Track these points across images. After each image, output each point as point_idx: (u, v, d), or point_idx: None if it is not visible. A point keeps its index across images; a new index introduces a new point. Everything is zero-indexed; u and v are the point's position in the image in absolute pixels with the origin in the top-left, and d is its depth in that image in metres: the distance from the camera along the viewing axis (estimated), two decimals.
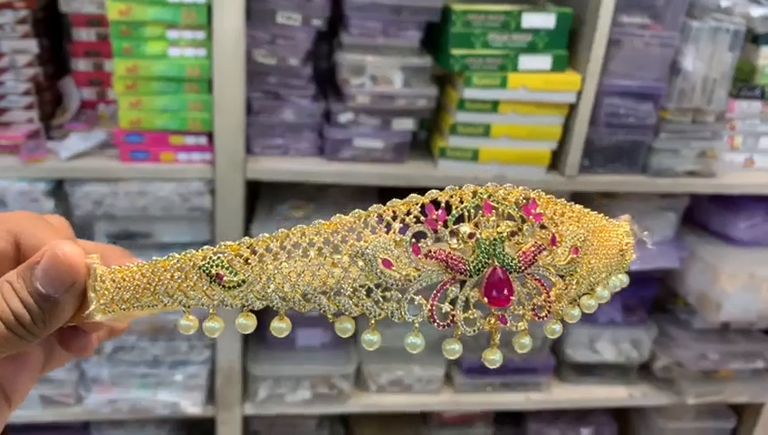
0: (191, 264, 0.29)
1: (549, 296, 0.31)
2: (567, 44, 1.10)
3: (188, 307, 0.29)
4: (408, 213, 0.29)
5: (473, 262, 0.30)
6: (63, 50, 1.18)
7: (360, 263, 0.29)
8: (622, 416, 1.54)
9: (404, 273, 0.29)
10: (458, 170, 1.15)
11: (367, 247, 0.29)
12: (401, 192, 1.19)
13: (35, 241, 0.31)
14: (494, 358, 0.31)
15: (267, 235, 0.29)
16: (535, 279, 0.31)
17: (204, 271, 0.28)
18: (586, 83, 1.09)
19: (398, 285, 0.29)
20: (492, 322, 0.31)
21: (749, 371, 1.43)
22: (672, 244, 1.31)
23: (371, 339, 0.30)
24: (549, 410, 1.48)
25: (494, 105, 1.11)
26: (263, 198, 1.24)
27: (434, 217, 0.29)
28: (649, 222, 1.28)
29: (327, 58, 1.17)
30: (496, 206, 0.30)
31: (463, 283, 0.30)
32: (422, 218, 0.29)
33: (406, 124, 1.15)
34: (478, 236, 0.30)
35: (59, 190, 1.09)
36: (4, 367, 0.32)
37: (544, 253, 0.31)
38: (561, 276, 0.32)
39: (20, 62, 1.07)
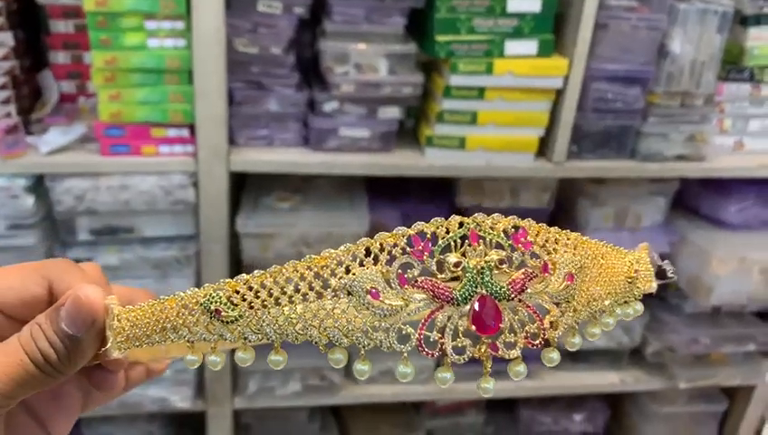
0: (194, 301, 0.30)
1: (543, 324, 0.31)
2: (553, 29, 1.08)
3: (192, 342, 0.31)
4: (395, 245, 0.30)
5: (460, 290, 0.30)
6: (41, 42, 1.15)
7: (348, 294, 0.30)
8: (614, 401, 1.54)
9: (391, 303, 0.30)
10: (446, 159, 1.14)
11: (354, 280, 0.29)
12: (389, 182, 1.17)
13: (65, 286, 0.34)
14: (487, 386, 0.31)
15: (262, 271, 0.30)
16: (527, 307, 0.31)
17: (204, 307, 0.30)
18: (573, 68, 1.08)
19: (385, 315, 0.30)
20: (482, 349, 0.31)
21: (740, 354, 1.43)
22: (662, 228, 1.31)
23: (362, 369, 0.31)
24: (541, 397, 1.47)
25: (480, 92, 1.09)
26: (248, 190, 1.22)
27: (419, 247, 0.30)
28: (639, 207, 1.28)
29: (310, 46, 1.15)
30: (484, 235, 0.31)
31: (452, 311, 0.30)
32: (408, 250, 0.30)
33: (392, 113, 1.13)
34: (465, 264, 0.30)
35: (39, 186, 1.07)
36: (46, 406, 0.35)
37: (535, 280, 0.31)
38: (557, 304, 0.32)
39: None
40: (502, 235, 0.31)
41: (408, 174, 1.15)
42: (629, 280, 0.36)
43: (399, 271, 0.30)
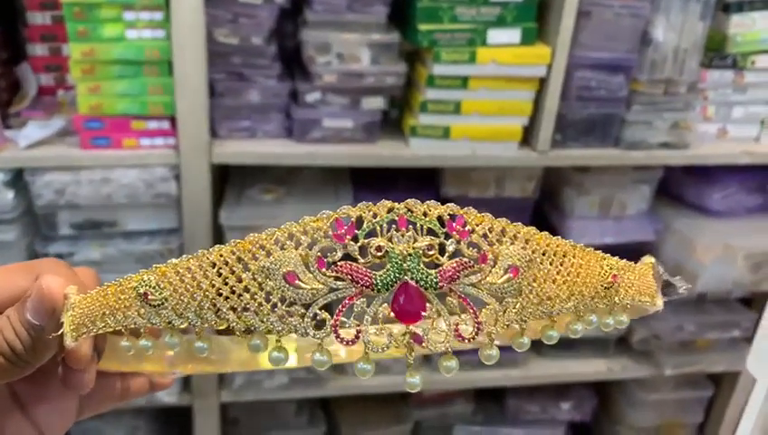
0: (129, 286, 0.31)
1: (477, 317, 0.29)
2: (536, 17, 1.08)
3: (125, 327, 0.31)
4: (319, 229, 0.29)
5: (381, 276, 0.29)
6: (18, 34, 1.14)
7: (266, 278, 0.29)
8: (602, 389, 1.55)
9: (309, 287, 0.29)
10: (430, 149, 1.13)
11: (272, 263, 0.29)
12: (373, 172, 1.16)
13: None
14: (413, 381, 0.30)
15: (189, 255, 0.30)
16: (460, 298, 0.29)
17: (136, 291, 0.30)
18: (556, 56, 1.08)
19: (302, 300, 0.29)
20: (404, 340, 0.29)
21: (726, 340, 1.44)
22: (647, 216, 1.31)
23: (278, 356, 0.30)
24: (528, 386, 1.48)
25: (463, 81, 1.09)
26: (232, 182, 1.21)
27: (342, 231, 0.29)
28: (624, 195, 1.28)
29: (292, 36, 1.14)
30: (414, 221, 0.29)
31: (373, 298, 0.29)
32: (330, 233, 0.29)
33: (375, 103, 1.12)
34: (388, 249, 0.29)
35: (19, 180, 1.05)
36: (41, 408, 0.36)
37: (469, 270, 0.29)
38: (499, 299, 0.30)
39: None
40: (435, 222, 0.29)
41: (393, 164, 1.14)
42: (606, 286, 0.33)
43: (319, 254, 0.29)
